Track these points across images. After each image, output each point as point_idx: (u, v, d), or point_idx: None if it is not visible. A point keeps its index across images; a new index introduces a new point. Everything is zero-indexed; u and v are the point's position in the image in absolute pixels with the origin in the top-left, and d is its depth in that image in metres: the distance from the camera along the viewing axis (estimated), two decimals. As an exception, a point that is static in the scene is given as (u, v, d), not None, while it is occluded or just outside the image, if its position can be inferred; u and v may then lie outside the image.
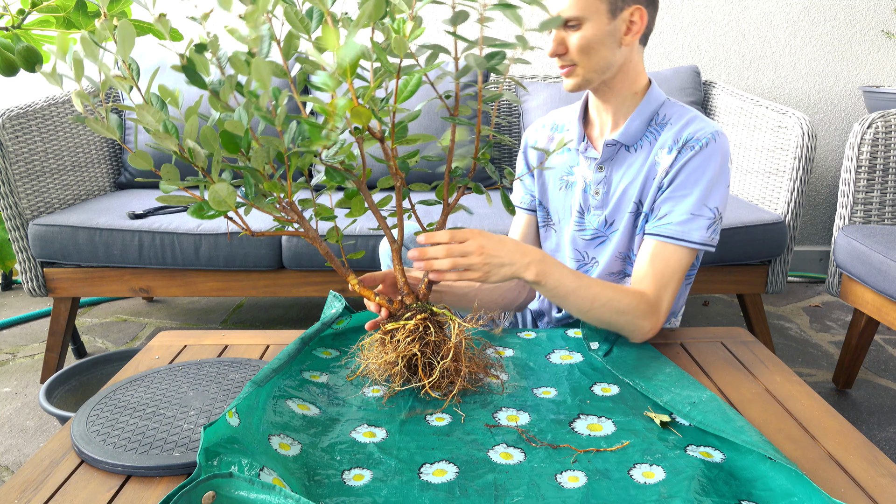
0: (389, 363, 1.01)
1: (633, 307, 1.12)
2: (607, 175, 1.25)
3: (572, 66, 1.17)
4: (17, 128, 1.92)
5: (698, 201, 1.15)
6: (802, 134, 1.93)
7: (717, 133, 1.16)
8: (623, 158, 1.23)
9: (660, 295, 1.15)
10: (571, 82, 1.19)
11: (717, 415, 0.91)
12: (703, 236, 1.15)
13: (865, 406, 1.87)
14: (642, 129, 1.21)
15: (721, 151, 1.16)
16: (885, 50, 2.76)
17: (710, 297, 2.70)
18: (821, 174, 2.88)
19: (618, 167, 1.24)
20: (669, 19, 2.71)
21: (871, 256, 1.68)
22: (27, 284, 1.96)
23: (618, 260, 1.27)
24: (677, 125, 1.19)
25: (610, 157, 1.24)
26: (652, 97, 1.21)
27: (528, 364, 1.12)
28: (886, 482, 0.81)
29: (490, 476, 0.82)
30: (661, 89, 1.24)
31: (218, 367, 1.10)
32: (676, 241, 1.15)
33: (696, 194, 1.15)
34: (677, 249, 1.16)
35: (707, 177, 1.15)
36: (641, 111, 1.21)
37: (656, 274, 1.15)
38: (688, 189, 1.16)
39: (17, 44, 1.01)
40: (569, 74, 1.18)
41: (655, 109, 1.22)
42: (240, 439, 0.82)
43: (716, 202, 1.16)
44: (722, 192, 1.17)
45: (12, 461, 1.61)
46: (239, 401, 0.88)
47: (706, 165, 1.15)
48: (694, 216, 1.15)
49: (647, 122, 1.21)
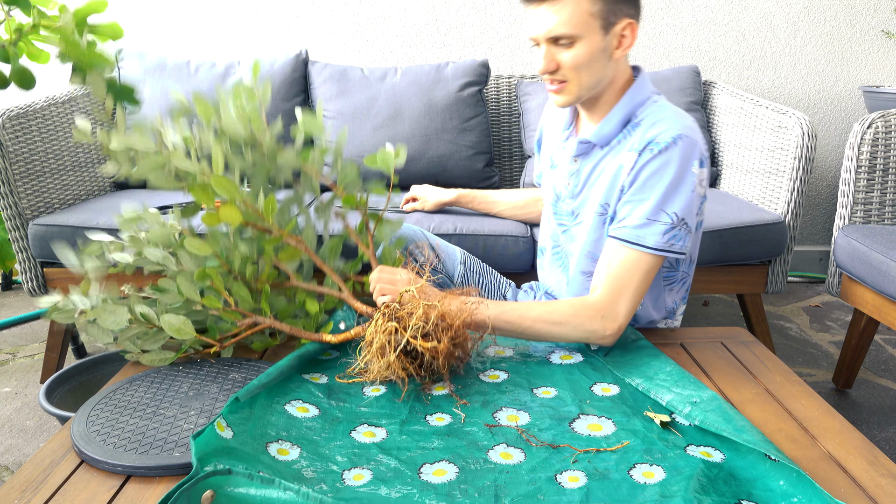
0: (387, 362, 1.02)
1: (570, 315, 1.11)
2: (579, 169, 1.25)
3: (564, 83, 1.16)
4: (17, 128, 1.92)
5: (655, 206, 1.12)
6: (802, 134, 1.93)
7: (679, 136, 1.12)
8: (595, 155, 1.23)
9: (614, 298, 1.12)
10: (563, 99, 1.18)
11: (718, 414, 0.91)
12: (659, 241, 1.12)
13: (865, 406, 1.87)
14: (616, 131, 1.20)
15: (682, 155, 1.12)
16: (885, 50, 2.76)
17: (710, 297, 2.70)
18: (821, 174, 2.88)
19: (589, 163, 1.24)
20: (669, 19, 2.71)
21: (871, 256, 1.68)
22: (27, 284, 1.96)
23: (589, 260, 1.26)
24: (646, 127, 1.16)
25: (584, 152, 1.24)
26: (630, 99, 1.19)
27: (528, 364, 1.12)
28: (886, 482, 0.81)
29: (490, 476, 0.82)
30: (649, 87, 1.21)
31: (218, 367, 1.10)
32: (631, 244, 1.13)
33: (654, 199, 1.12)
34: (633, 254, 1.13)
35: (665, 181, 1.12)
36: (616, 113, 1.19)
37: (611, 277, 1.14)
38: (645, 193, 1.13)
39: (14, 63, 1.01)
40: (560, 91, 1.17)
41: (633, 111, 1.19)
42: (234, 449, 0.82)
43: (676, 207, 1.12)
44: (684, 196, 1.12)
45: (12, 461, 1.61)
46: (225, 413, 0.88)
47: (664, 170, 1.12)
48: (650, 221, 1.13)
49: (622, 124, 1.19)
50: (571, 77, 1.14)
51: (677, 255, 1.14)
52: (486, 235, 1.82)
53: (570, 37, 1.11)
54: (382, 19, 2.66)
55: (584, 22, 1.10)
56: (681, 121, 1.15)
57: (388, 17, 2.66)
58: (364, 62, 2.69)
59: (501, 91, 2.53)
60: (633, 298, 1.13)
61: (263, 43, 2.67)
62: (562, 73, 1.14)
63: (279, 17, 2.66)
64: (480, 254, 1.81)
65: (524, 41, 2.71)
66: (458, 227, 1.84)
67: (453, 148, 2.27)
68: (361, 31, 2.67)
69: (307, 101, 2.39)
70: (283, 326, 1.13)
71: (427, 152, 2.26)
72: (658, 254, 1.13)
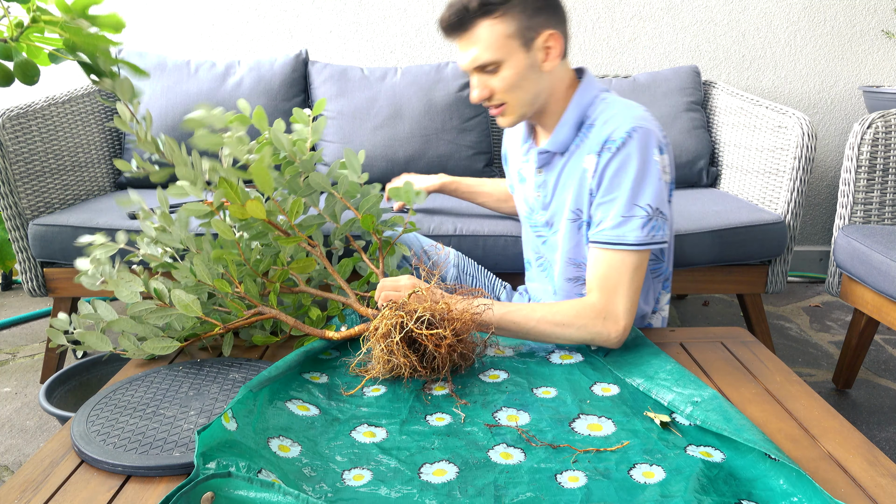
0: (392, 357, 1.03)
1: (573, 316, 1.11)
2: (545, 179, 1.26)
3: (502, 106, 1.17)
4: (17, 128, 1.92)
5: (627, 202, 1.12)
6: (802, 134, 1.94)
7: (633, 129, 1.12)
8: (557, 163, 1.23)
9: (610, 300, 1.12)
10: (507, 120, 1.19)
11: (719, 413, 0.91)
12: (640, 236, 1.12)
13: (865, 406, 1.87)
14: (571, 136, 1.20)
15: (640, 147, 1.11)
16: (885, 50, 2.76)
17: (710, 297, 2.70)
18: (821, 174, 2.88)
19: (553, 172, 1.24)
20: (669, 19, 2.71)
21: (871, 256, 1.68)
22: (27, 284, 1.96)
23: (571, 266, 1.26)
24: (599, 127, 1.16)
25: (546, 162, 1.25)
26: (578, 102, 1.19)
27: (528, 364, 1.12)
28: (886, 482, 0.81)
29: (490, 476, 0.82)
30: (595, 87, 1.20)
31: (218, 367, 1.10)
32: (613, 245, 1.13)
33: (624, 196, 1.12)
34: (618, 254, 1.13)
35: (630, 176, 1.12)
36: (567, 119, 1.19)
37: (602, 280, 1.14)
38: (614, 192, 1.13)
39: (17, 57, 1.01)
40: (502, 114, 1.19)
41: (583, 113, 1.19)
42: (237, 443, 0.82)
43: (647, 199, 1.12)
44: (652, 186, 1.12)
45: (12, 461, 1.61)
46: (234, 404, 0.88)
47: (626, 165, 1.12)
48: (626, 218, 1.12)
49: (575, 128, 1.19)
50: (507, 99, 1.16)
51: (660, 245, 1.14)
52: (486, 236, 1.82)
53: (493, 63, 1.13)
54: (382, 19, 2.66)
55: (503, 45, 1.11)
56: (631, 113, 1.14)
57: (388, 17, 2.66)
58: (364, 62, 2.69)
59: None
60: (628, 297, 1.13)
61: (263, 43, 2.67)
62: (497, 97, 1.16)
63: (279, 17, 2.66)
64: (480, 254, 1.81)
65: (524, 41, 2.72)
66: (457, 228, 1.84)
67: (453, 148, 2.27)
68: (361, 31, 2.67)
69: (307, 102, 2.39)
70: (288, 319, 1.14)
71: (427, 152, 2.26)
72: (642, 248, 1.12)
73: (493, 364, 1.12)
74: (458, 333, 1.03)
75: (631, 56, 2.73)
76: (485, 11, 1.10)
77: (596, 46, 2.71)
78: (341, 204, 1.28)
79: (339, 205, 1.28)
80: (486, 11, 1.10)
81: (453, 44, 1.18)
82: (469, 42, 1.13)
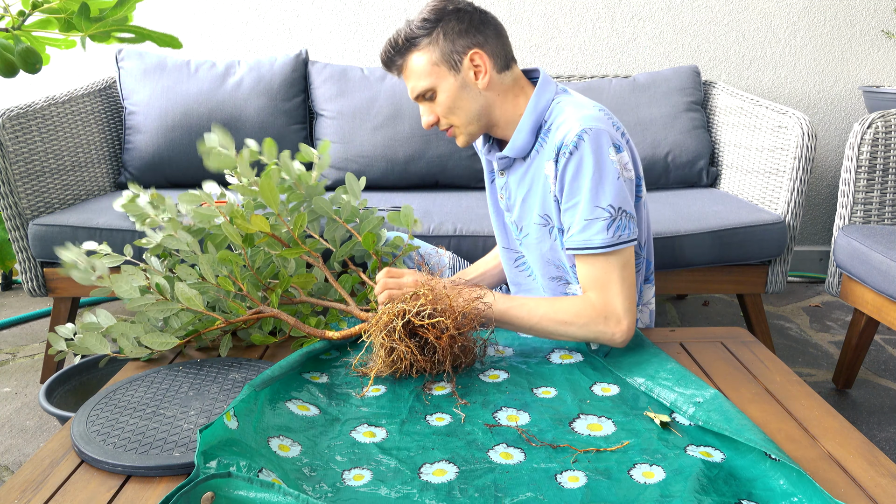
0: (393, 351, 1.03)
1: (574, 314, 1.12)
2: (507, 181, 1.28)
3: (450, 128, 1.23)
4: (17, 128, 1.92)
5: (588, 206, 1.13)
6: (802, 134, 1.93)
7: (585, 130, 1.12)
8: (518, 167, 1.25)
9: (607, 299, 1.13)
10: (461, 140, 1.24)
11: (721, 413, 0.91)
12: (606, 238, 1.12)
13: (865, 406, 1.87)
14: (530, 141, 1.21)
15: (592, 148, 1.12)
16: (885, 50, 2.76)
17: (710, 297, 2.70)
18: (821, 174, 2.88)
19: (514, 175, 1.26)
20: (669, 19, 2.71)
21: (871, 256, 1.68)
22: (27, 284, 1.96)
23: (551, 266, 1.27)
24: (554, 132, 1.17)
25: (507, 166, 1.27)
26: (534, 108, 1.20)
27: (528, 364, 1.12)
28: (886, 482, 0.81)
29: (490, 476, 0.82)
30: (550, 90, 1.21)
31: (218, 367, 1.10)
32: (584, 250, 1.14)
33: (584, 200, 1.13)
34: (594, 257, 1.14)
35: (586, 179, 1.12)
36: (523, 125, 1.20)
37: (591, 282, 1.14)
38: (576, 197, 1.14)
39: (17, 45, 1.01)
40: (453, 135, 1.24)
41: (540, 118, 1.21)
42: (238, 442, 0.82)
43: (608, 199, 1.12)
44: (611, 186, 1.12)
45: (12, 461, 1.61)
46: (237, 403, 0.88)
47: (581, 168, 1.12)
48: (589, 222, 1.13)
49: (533, 133, 1.21)
50: (451, 121, 1.21)
51: (629, 243, 1.14)
52: (487, 236, 1.82)
53: (428, 89, 1.19)
54: (382, 19, 2.66)
55: (432, 72, 1.18)
56: (581, 114, 1.15)
57: (388, 17, 2.66)
58: (364, 62, 2.69)
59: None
60: (623, 294, 1.13)
61: (263, 43, 2.67)
62: (442, 122, 1.22)
63: (279, 17, 2.66)
64: (480, 254, 1.81)
65: (524, 41, 2.72)
66: (457, 229, 1.84)
67: (453, 148, 2.27)
68: (361, 31, 2.67)
69: (307, 101, 2.39)
70: (288, 318, 1.14)
71: (427, 152, 2.26)
72: (612, 250, 1.13)
73: (493, 364, 1.12)
74: (459, 327, 1.04)
75: (631, 56, 2.73)
76: (410, 45, 1.20)
77: (596, 46, 2.71)
78: (342, 229, 1.31)
79: (340, 230, 1.32)
80: (411, 45, 1.19)
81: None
82: (406, 74, 1.22)
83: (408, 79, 1.22)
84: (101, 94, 2.33)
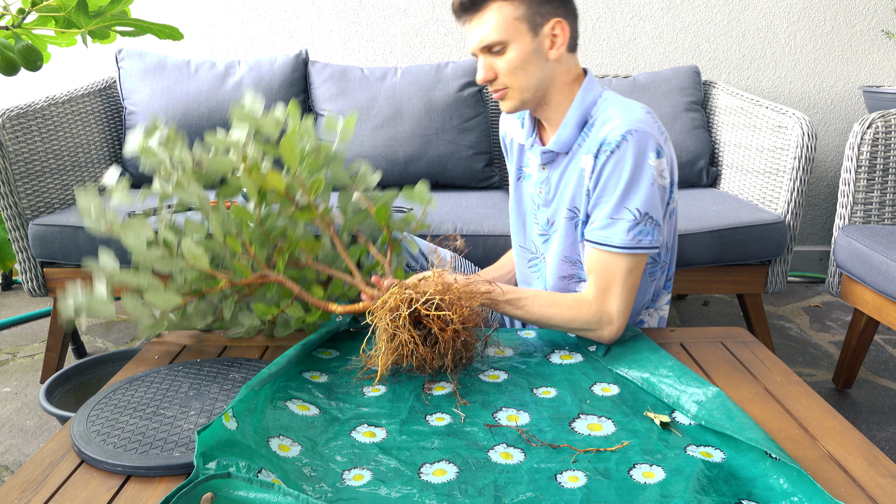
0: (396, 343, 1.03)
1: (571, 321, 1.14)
2: (548, 176, 1.26)
3: (505, 90, 1.18)
4: (17, 128, 1.92)
5: (616, 205, 1.13)
6: (802, 134, 1.94)
7: (630, 132, 1.12)
8: (560, 162, 1.24)
9: (604, 299, 1.14)
10: (508, 104, 1.20)
11: (722, 412, 0.91)
12: (625, 240, 1.13)
13: (865, 406, 1.87)
14: (574, 136, 1.20)
15: (636, 150, 1.12)
16: (885, 50, 2.76)
17: (710, 297, 2.70)
18: (821, 174, 2.88)
19: (556, 170, 1.25)
20: (669, 19, 2.71)
21: (871, 256, 1.68)
22: (27, 284, 1.96)
23: (566, 264, 1.27)
24: (598, 127, 1.17)
25: (549, 160, 1.25)
26: (581, 101, 1.19)
27: (528, 364, 1.12)
28: (886, 482, 0.81)
29: (490, 476, 0.82)
30: (597, 86, 1.22)
31: (218, 367, 1.10)
32: (600, 246, 1.15)
33: (614, 198, 1.14)
34: (608, 255, 1.14)
35: (623, 179, 1.13)
36: (570, 119, 1.20)
37: (597, 279, 1.15)
38: (607, 194, 1.15)
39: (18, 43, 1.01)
40: (503, 97, 1.19)
41: (586, 113, 1.20)
42: (237, 442, 0.82)
43: (637, 203, 1.13)
44: (644, 191, 1.13)
45: (12, 461, 1.61)
46: (235, 403, 0.88)
47: (620, 168, 1.13)
48: (613, 220, 1.14)
49: (578, 128, 1.20)
50: (510, 82, 1.17)
51: (647, 250, 1.14)
52: (487, 236, 1.82)
53: (500, 43, 1.14)
54: (382, 19, 2.66)
55: (510, 27, 1.13)
56: (629, 115, 1.15)
57: (388, 17, 2.66)
58: (364, 62, 2.69)
59: (501, 91, 2.53)
60: (621, 298, 1.14)
61: (263, 43, 2.67)
62: (500, 80, 1.17)
63: (279, 17, 2.66)
64: (480, 254, 1.81)
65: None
66: (458, 227, 1.84)
67: (453, 148, 2.27)
68: (361, 31, 2.67)
69: (307, 101, 2.39)
70: (293, 286, 1.13)
71: (427, 152, 2.26)
72: (628, 252, 1.13)
73: (493, 364, 1.12)
74: (464, 321, 1.04)
75: (631, 56, 2.73)
76: None
77: (596, 46, 2.71)
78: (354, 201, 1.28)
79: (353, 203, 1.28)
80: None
81: (464, 26, 1.20)
82: (479, 22, 1.15)
83: (479, 26, 1.15)
84: (101, 94, 2.33)
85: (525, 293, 1.16)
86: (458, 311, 1.03)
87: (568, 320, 1.15)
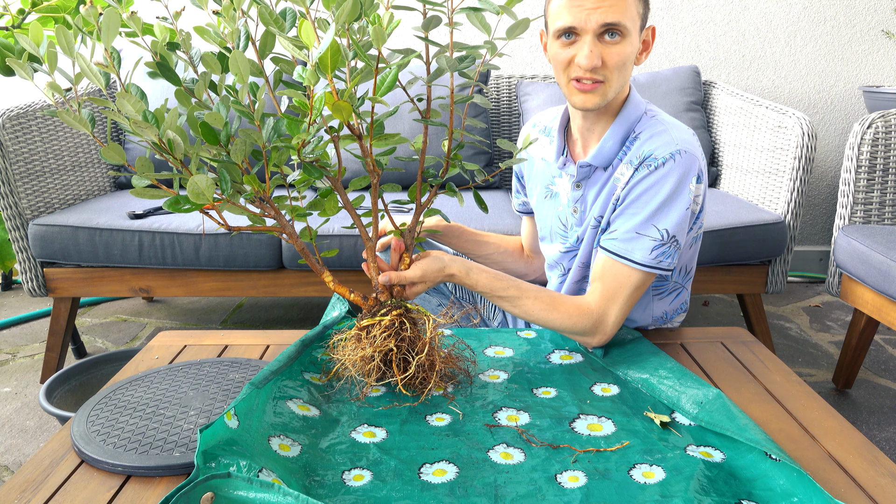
0: (366, 359, 1.01)
1: (571, 327, 1.13)
2: (584, 193, 1.21)
3: (600, 83, 1.09)
4: (17, 128, 1.92)
5: (646, 220, 1.11)
6: (802, 134, 1.94)
7: (678, 152, 1.10)
8: (598, 177, 1.19)
9: (606, 307, 1.12)
10: (596, 100, 1.10)
11: (723, 413, 0.91)
12: (646, 258, 1.10)
13: (865, 406, 1.87)
14: (616, 149, 1.16)
15: (681, 172, 1.09)
16: (885, 50, 2.76)
17: (710, 297, 2.70)
18: (821, 174, 2.88)
19: (593, 186, 1.20)
20: (669, 19, 2.71)
21: (871, 256, 1.68)
22: (27, 284, 1.96)
23: (583, 268, 1.26)
24: (643, 140, 1.13)
25: (586, 176, 1.20)
26: (627, 116, 1.15)
27: (528, 364, 1.12)
28: (886, 482, 0.81)
29: (490, 476, 0.82)
30: (642, 102, 1.18)
31: (218, 367, 1.10)
32: (618, 257, 1.12)
33: (645, 213, 1.11)
34: (622, 267, 1.12)
35: (660, 197, 1.10)
36: (615, 131, 1.15)
37: (604, 288, 1.13)
38: (638, 208, 1.11)
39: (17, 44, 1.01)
40: (594, 91, 1.09)
41: (630, 128, 1.16)
42: (238, 441, 0.82)
43: (668, 224, 1.10)
44: (677, 213, 1.10)
45: (12, 461, 1.61)
46: (237, 402, 0.88)
47: (660, 185, 1.10)
48: (639, 235, 1.11)
49: (621, 142, 1.16)
50: (610, 77, 1.09)
51: (664, 271, 1.13)
52: (486, 235, 1.82)
53: (622, 29, 1.07)
54: (382, 19, 2.66)
55: (633, 18, 1.08)
56: (680, 135, 1.12)
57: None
58: (364, 62, 2.69)
59: (501, 91, 2.53)
60: (622, 310, 1.13)
61: (263, 43, 2.67)
62: (602, 71, 1.08)
63: (279, 17, 2.65)
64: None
65: (524, 41, 2.71)
66: (458, 227, 1.84)
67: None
68: (361, 31, 2.67)
69: (307, 101, 2.39)
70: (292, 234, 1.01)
71: (427, 152, 2.26)
72: (645, 270, 1.11)
73: (493, 364, 1.12)
74: (433, 366, 1.03)
75: (631, 56, 2.73)
76: None
77: (596, 46, 2.71)
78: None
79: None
80: None
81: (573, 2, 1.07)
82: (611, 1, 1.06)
83: (611, 4, 1.06)
84: (101, 94, 2.32)
85: (525, 293, 1.14)
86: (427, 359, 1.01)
87: (568, 326, 1.13)
